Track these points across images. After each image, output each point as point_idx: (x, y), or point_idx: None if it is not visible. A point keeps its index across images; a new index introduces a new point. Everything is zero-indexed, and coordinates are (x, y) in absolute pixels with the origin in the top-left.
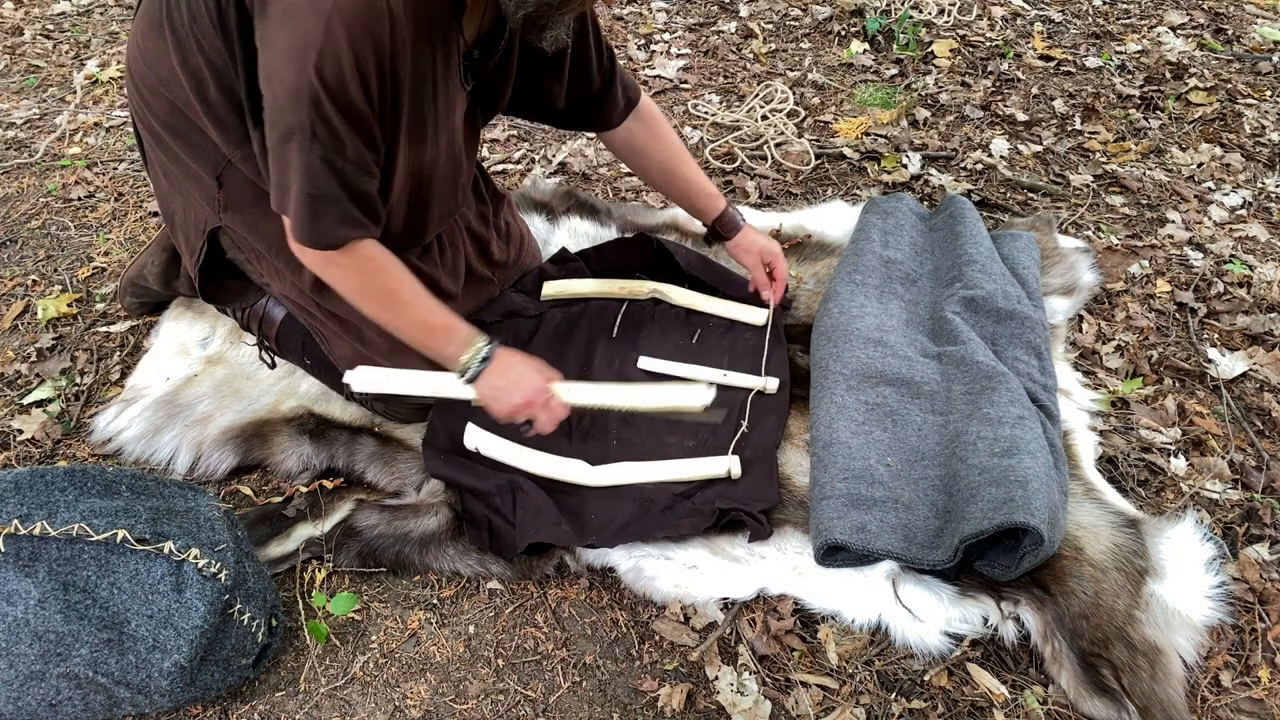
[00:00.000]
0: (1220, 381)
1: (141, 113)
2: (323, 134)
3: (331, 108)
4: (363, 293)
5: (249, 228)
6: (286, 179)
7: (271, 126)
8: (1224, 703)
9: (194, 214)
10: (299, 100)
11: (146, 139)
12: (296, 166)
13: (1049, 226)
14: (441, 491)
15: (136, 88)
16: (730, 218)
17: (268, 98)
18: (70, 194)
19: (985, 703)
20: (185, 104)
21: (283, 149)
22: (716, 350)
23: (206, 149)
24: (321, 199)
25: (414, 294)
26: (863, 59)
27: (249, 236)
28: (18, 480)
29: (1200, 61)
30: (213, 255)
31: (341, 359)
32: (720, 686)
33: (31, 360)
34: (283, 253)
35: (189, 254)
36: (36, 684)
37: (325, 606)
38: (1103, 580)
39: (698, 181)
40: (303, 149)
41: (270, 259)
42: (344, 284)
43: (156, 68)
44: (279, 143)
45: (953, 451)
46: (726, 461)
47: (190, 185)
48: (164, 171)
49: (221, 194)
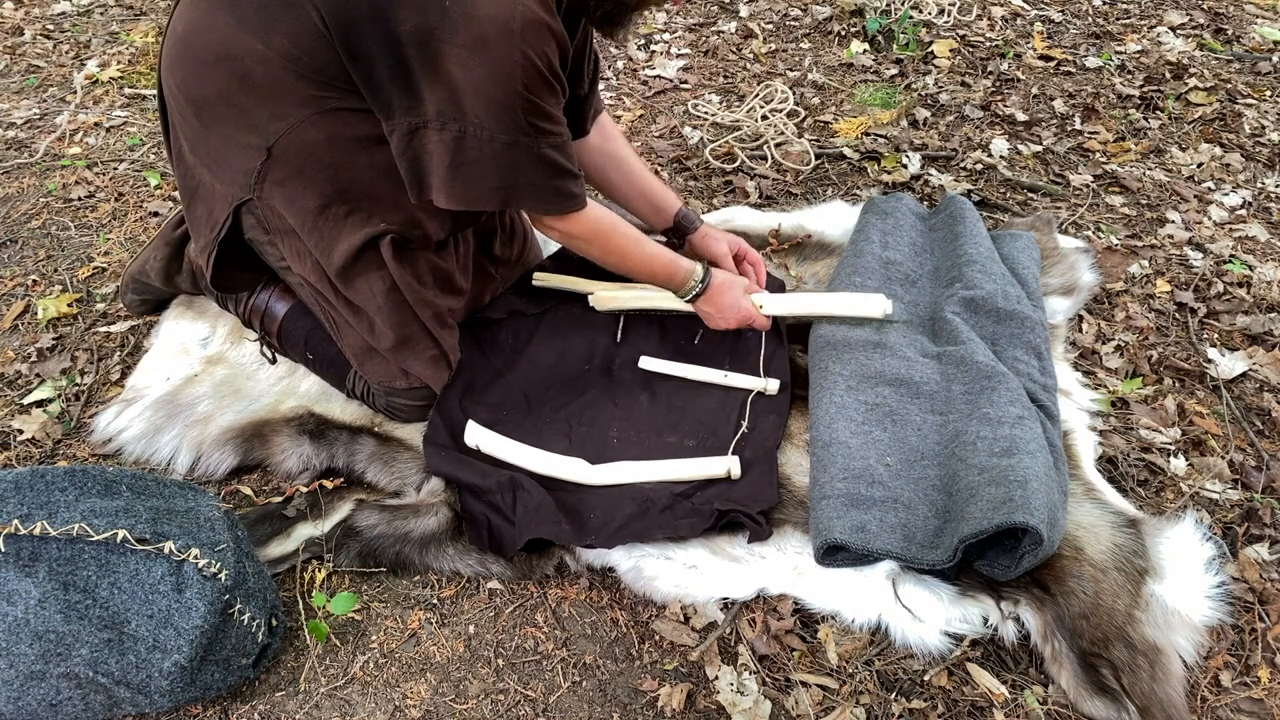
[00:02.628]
0: (1220, 381)
1: (186, 85)
2: (544, 127)
3: (541, 101)
4: (608, 243)
5: (287, 201)
6: (519, 175)
7: (488, 139)
8: (1224, 703)
9: (223, 187)
10: (514, 112)
11: (181, 110)
12: (531, 163)
13: (1049, 226)
14: (441, 491)
15: (188, 60)
16: (688, 215)
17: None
18: (70, 194)
19: (985, 703)
20: (264, 74)
21: (510, 153)
22: (718, 351)
23: (261, 121)
24: (563, 173)
25: (639, 237)
26: (863, 59)
27: (285, 211)
28: (18, 480)
29: (1200, 61)
30: (230, 236)
31: (350, 348)
32: (720, 686)
33: (31, 360)
34: (314, 232)
35: (208, 230)
36: (36, 684)
37: (325, 606)
38: (1103, 580)
39: (655, 183)
40: (533, 149)
41: (299, 237)
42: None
43: (224, 42)
44: (505, 149)
45: (952, 451)
46: (726, 462)
47: (230, 156)
48: (193, 145)
49: (265, 165)
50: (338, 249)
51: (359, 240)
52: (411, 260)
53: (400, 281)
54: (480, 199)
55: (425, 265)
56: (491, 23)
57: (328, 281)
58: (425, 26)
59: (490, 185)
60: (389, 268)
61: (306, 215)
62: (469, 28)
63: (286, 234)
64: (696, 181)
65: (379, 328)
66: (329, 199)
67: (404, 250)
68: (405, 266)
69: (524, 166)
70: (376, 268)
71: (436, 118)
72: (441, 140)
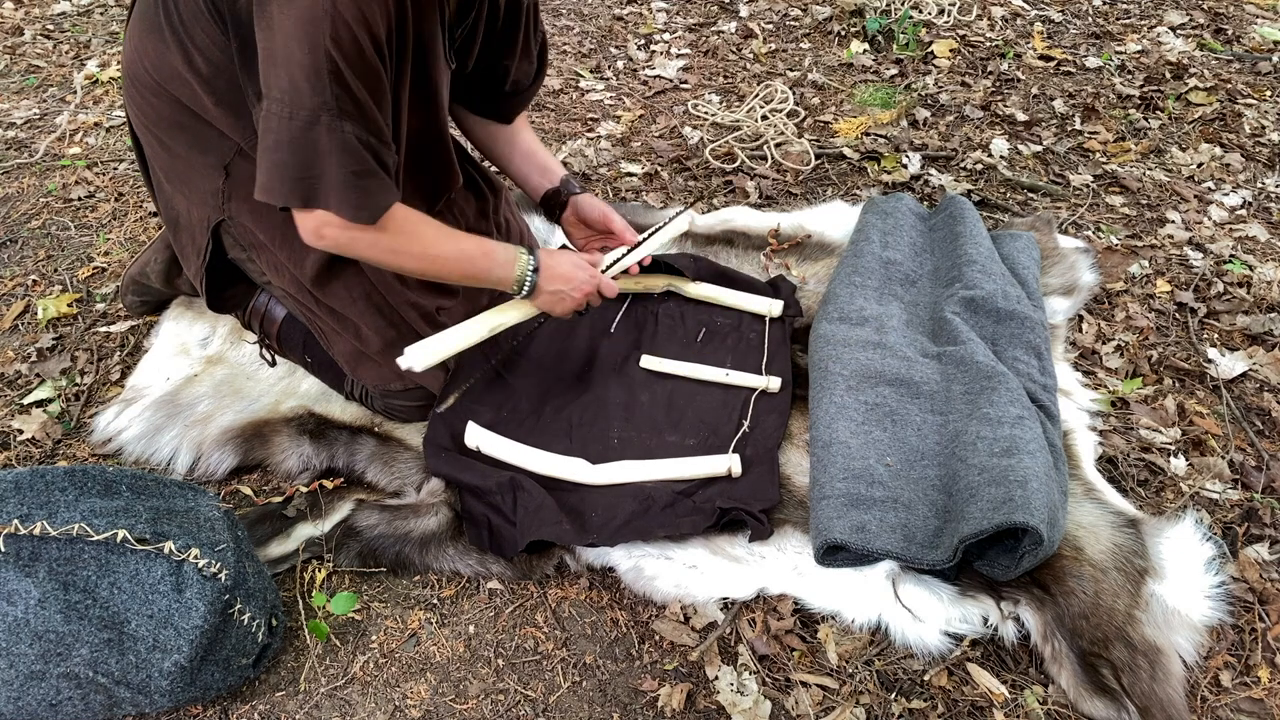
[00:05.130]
0: (1220, 381)
1: (143, 114)
2: (349, 107)
3: (352, 76)
4: (406, 253)
5: (254, 216)
6: (317, 166)
7: (288, 116)
8: (1224, 703)
9: (198, 211)
10: (319, 77)
11: (148, 141)
12: (331, 149)
13: (1049, 226)
14: (441, 491)
15: (138, 90)
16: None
17: (278, 84)
18: (70, 194)
19: (985, 703)
20: (192, 99)
21: (308, 136)
22: (720, 349)
23: (213, 141)
24: (367, 173)
25: (440, 235)
26: (863, 59)
27: (254, 227)
28: (18, 480)
29: (1200, 61)
30: (215, 256)
31: (341, 355)
32: (720, 686)
33: (31, 360)
34: (285, 244)
35: (195, 255)
36: (36, 684)
37: (325, 606)
38: (1103, 580)
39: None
40: (333, 129)
41: (272, 251)
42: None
43: (159, 68)
44: (303, 130)
45: (952, 451)
46: (727, 460)
47: (195, 179)
48: (166, 173)
49: (227, 185)
50: (309, 258)
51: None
52: None
53: (379, 284)
54: (280, 193)
55: None
56: None
57: (306, 291)
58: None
59: (290, 176)
60: (365, 272)
61: (274, 228)
62: None
63: (261, 248)
64: (696, 181)
65: (365, 332)
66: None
67: None
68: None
69: (324, 154)
70: (353, 272)
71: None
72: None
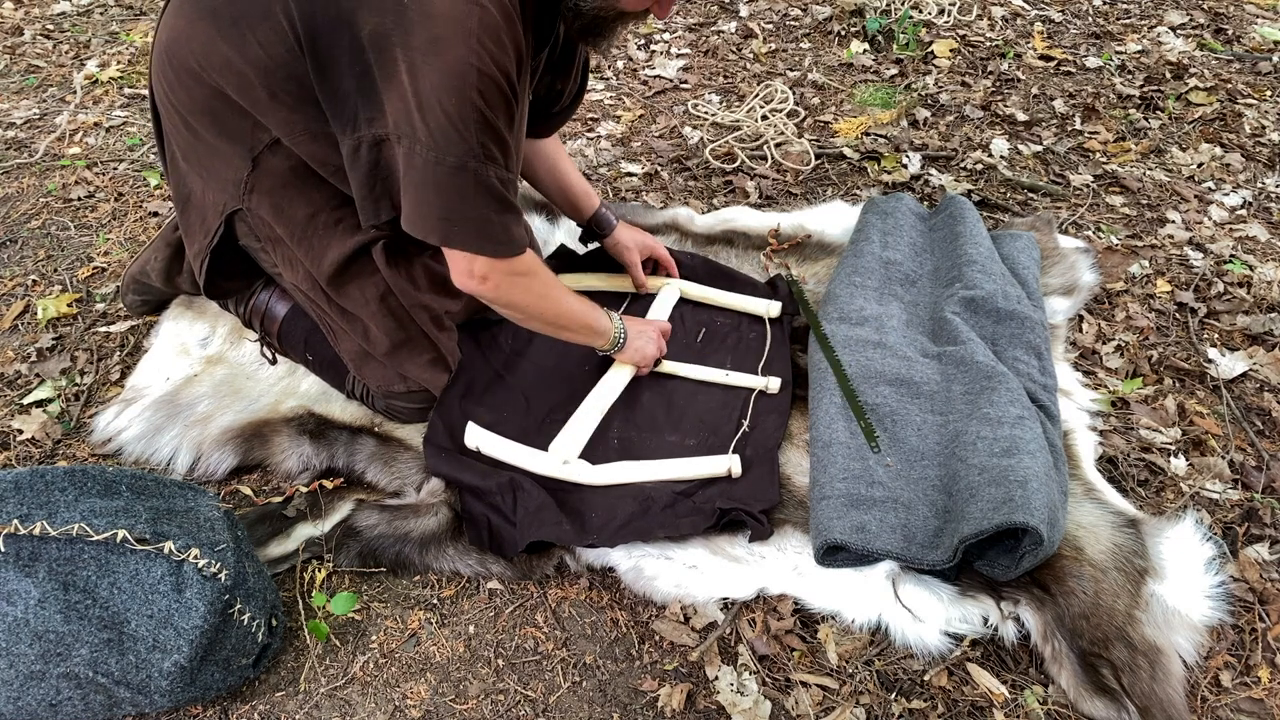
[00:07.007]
0: (1220, 381)
1: (172, 94)
2: (495, 153)
3: (494, 121)
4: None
5: (275, 211)
6: (466, 208)
7: (434, 161)
8: (1224, 703)
9: (214, 195)
10: (466, 126)
11: (171, 120)
12: (478, 193)
13: (1049, 226)
14: (441, 491)
15: (174, 70)
16: (605, 215)
17: (423, 129)
18: (70, 194)
19: (985, 703)
20: (241, 89)
21: (454, 181)
22: (720, 350)
23: (245, 131)
24: (507, 209)
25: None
26: (863, 59)
27: (273, 221)
28: (18, 480)
29: (1200, 61)
30: (223, 242)
31: (347, 354)
32: (720, 686)
33: (31, 360)
34: (304, 242)
35: (202, 236)
36: (36, 684)
37: (325, 606)
38: (1103, 580)
39: (579, 179)
40: (481, 175)
41: (289, 246)
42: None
43: (204, 55)
44: (449, 176)
45: (952, 451)
46: (727, 460)
47: (217, 165)
48: (184, 153)
49: (252, 176)
50: (328, 257)
51: (350, 248)
52: (406, 264)
53: (394, 286)
54: (425, 228)
55: (420, 269)
56: (447, 22)
57: (320, 289)
58: (383, 29)
59: (435, 216)
60: (382, 273)
61: (295, 225)
62: (424, 27)
63: (277, 242)
64: (696, 181)
65: (374, 333)
66: (317, 208)
67: (397, 255)
68: (399, 271)
69: (470, 197)
70: (369, 274)
71: (394, 130)
72: (400, 155)
